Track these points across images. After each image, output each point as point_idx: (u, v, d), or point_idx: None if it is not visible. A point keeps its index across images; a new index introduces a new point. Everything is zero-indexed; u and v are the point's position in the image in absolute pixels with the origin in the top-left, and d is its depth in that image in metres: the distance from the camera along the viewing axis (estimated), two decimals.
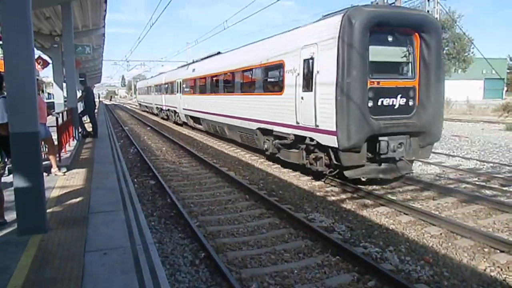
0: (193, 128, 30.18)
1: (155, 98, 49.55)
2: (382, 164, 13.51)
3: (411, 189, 13.58)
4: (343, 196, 13.00)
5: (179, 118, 34.86)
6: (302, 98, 14.34)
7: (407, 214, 11.23)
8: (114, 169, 13.22)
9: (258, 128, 17.67)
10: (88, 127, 22.02)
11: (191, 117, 29.70)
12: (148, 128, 33.13)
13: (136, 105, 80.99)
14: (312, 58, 14.03)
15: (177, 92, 35.43)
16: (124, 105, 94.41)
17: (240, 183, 13.81)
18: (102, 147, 17.84)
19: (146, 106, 61.73)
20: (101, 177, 12.09)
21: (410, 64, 13.87)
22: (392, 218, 11.09)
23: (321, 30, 13.73)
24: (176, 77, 36.90)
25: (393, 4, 16.08)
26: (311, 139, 14.04)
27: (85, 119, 22.11)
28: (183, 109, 32.20)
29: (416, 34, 13.67)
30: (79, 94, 22.77)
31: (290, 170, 16.08)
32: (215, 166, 16.34)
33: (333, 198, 12.77)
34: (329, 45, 13.14)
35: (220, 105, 22.18)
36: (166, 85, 41.93)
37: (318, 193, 13.22)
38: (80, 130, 20.62)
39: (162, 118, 43.93)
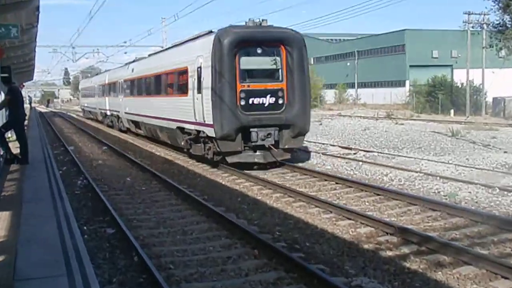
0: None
1: (99, 102, 58.20)
2: (257, 151, 24.81)
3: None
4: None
5: (122, 124, 44.98)
6: (197, 99, 25.64)
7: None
8: (53, 211, 13.02)
9: (177, 127, 28.67)
10: (15, 147, 21.74)
11: (132, 121, 41.02)
12: (104, 147, 33.38)
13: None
14: (200, 67, 25.35)
15: (120, 94, 44.82)
16: (68, 113, 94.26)
17: (247, 232, 13.77)
18: (35, 177, 17.65)
19: (90, 112, 69.46)
20: (33, 224, 11.84)
21: (278, 70, 25.06)
22: None
23: (204, 45, 25.35)
24: (119, 76, 46.51)
25: (262, 23, 26.32)
26: (203, 132, 25.22)
27: (10, 135, 21.83)
28: (125, 113, 42.45)
29: (282, 46, 24.93)
30: (0, 98, 22.53)
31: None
32: (207, 206, 16.37)
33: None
34: (207, 58, 24.59)
35: (151, 107, 33.92)
36: (109, 86, 51.00)
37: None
38: (1, 152, 20.38)
39: (108, 126, 52.44)
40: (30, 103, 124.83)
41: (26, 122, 27.51)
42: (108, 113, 51.48)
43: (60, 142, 37.30)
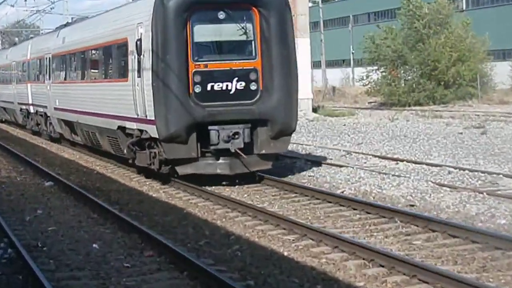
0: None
1: (18, 92, 39.55)
2: (221, 158, 18.03)
3: None
4: None
5: (52, 127, 31.19)
6: (137, 85, 19.05)
7: None
8: None
9: (119, 127, 21.12)
10: None
11: (65, 122, 28.82)
12: (47, 181, 21.56)
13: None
14: (140, 40, 18.71)
15: (46, 78, 31.02)
16: None
17: None
18: None
19: (5, 110, 47.11)
20: None
21: (249, 43, 18.39)
22: None
23: (144, 9, 18.74)
24: (45, 49, 32.23)
25: None
26: (146, 132, 18.76)
27: None
28: (55, 109, 29.61)
29: (254, 9, 18.20)
30: None
31: None
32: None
33: None
34: (147, 27, 18.18)
35: (85, 98, 25.07)
36: (33, 65, 35.21)
37: None
38: None
39: (33, 132, 36.56)
40: None
41: None
42: (32, 109, 35.30)
43: None
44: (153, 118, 18.11)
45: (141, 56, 18.86)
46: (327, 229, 13.54)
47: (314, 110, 48.56)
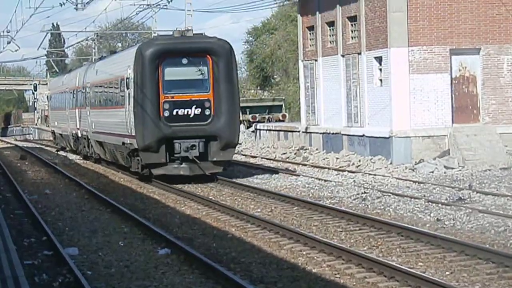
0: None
1: (70, 118, 43.84)
2: (183, 163, 26.46)
3: None
4: None
5: (93, 149, 37.35)
6: (127, 110, 27.92)
7: None
8: None
9: (122, 143, 29.40)
10: None
11: (99, 143, 35.39)
12: (164, 250, 15.68)
13: None
14: (128, 78, 27.71)
15: (87, 105, 37.57)
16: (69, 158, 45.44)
17: None
18: None
19: (62, 137, 49.96)
20: None
21: (204, 80, 27.02)
22: None
23: (130, 56, 27.80)
24: (87, 78, 38.26)
25: (186, 33, 28.18)
26: (131, 145, 27.55)
27: None
28: (93, 132, 36.44)
29: (208, 56, 26.78)
30: None
31: None
32: None
33: None
34: (131, 69, 27.17)
35: (107, 120, 32.98)
36: (79, 92, 40.42)
37: None
38: None
39: (85, 157, 40.66)
40: None
41: None
42: (79, 134, 40.53)
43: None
44: (134, 134, 26.79)
45: (129, 89, 27.71)
46: None
47: None
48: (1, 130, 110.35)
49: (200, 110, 26.60)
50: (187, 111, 26.53)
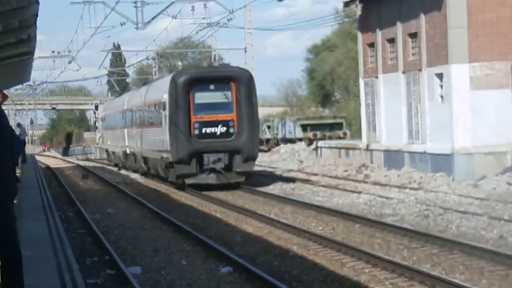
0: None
1: (119, 137, 49.39)
2: (211, 174, 31.29)
3: None
4: None
5: (140, 164, 42.64)
6: (164, 129, 33.03)
7: None
8: None
9: (161, 157, 34.52)
10: None
11: (144, 158, 41.07)
12: (226, 268, 15.65)
13: None
14: (164, 102, 32.78)
15: (134, 125, 43.74)
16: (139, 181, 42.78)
17: None
18: None
19: (114, 154, 54.27)
20: None
21: (229, 104, 31.76)
22: None
23: (166, 84, 32.92)
24: (133, 102, 44.87)
25: (213, 63, 36.86)
26: (168, 158, 32.51)
27: None
28: (139, 149, 42.45)
29: (232, 83, 31.61)
30: None
31: None
32: None
33: None
34: (167, 94, 32.16)
35: (149, 137, 38.97)
36: (127, 114, 46.65)
37: None
38: None
39: (142, 174, 43.21)
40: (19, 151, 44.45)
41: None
42: (128, 151, 46.64)
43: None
44: (170, 149, 31.85)
45: (165, 111, 32.67)
46: None
47: None
48: (63, 150, 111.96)
49: (225, 128, 31.63)
50: (214, 130, 31.60)
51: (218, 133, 31.51)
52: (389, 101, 37.91)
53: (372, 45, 40.08)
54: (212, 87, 31.89)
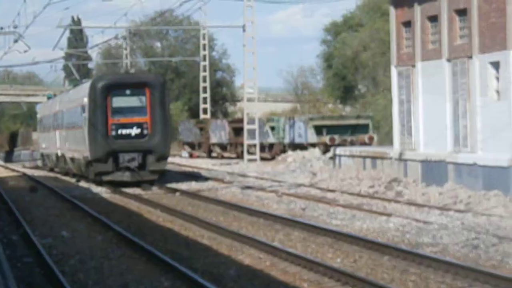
0: None
1: (52, 140, 63.80)
2: (126, 172, 45.58)
3: None
4: None
5: (67, 165, 57.22)
6: (84, 130, 48.02)
7: None
8: None
9: (83, 156, 49.56)
10: None
11: (71, 159, 55.61)
12: None
13: None
14: (84, 105, 48.06)
15: (62, 126, 59.12)
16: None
17: None
18: None
19: (48, 157, 63.64)
20: None
21: (143, 107, 46.54)
22: None
23: (87, 87, 48.85)
24: (62, 103, 60.06)
25: (129, 70, 51.92)
26: (88, 157, 47.50)
27: None
28: (67, 150, 57.65)
29: (147, 88, 46.67)
30: None
31: None
32: None
33: None
34: (87, 98, 47.78)
35: (72, 138, 55.11)
36: (59, 116, 61.00)
37: None
38: None
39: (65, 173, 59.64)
40: None
41: None
42: (59, 153, 60.57)
43: None
44: (88, 148, 45.68)
45: (85, 114, 46.29)
46: None
47: None
48: (5, 155, 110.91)
49: (139, 130, 45.37)
50: (130, 131, 45.29)
51: (133, 134, 45.38)
52: (430, 97, 38.15)
53: (408, 24, 40.35)
54: (128, 92, 46.15)
